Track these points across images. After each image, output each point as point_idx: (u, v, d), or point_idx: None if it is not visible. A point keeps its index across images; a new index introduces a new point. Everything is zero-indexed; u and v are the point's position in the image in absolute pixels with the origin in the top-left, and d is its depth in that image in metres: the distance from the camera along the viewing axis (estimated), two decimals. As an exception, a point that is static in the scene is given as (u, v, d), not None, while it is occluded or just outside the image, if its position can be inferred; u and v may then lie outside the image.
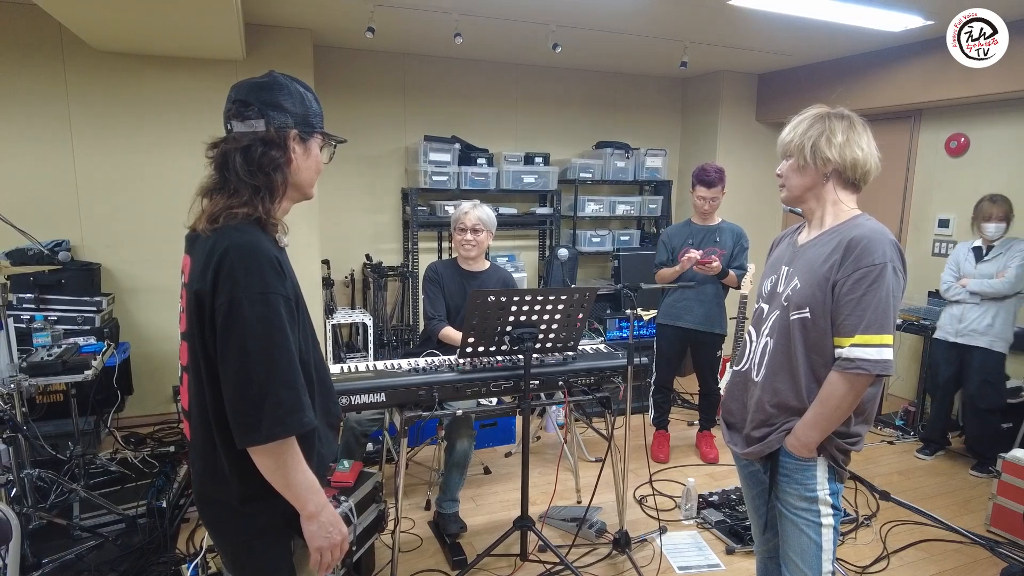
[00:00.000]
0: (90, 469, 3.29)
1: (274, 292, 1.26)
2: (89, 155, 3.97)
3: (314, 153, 1.43)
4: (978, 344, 3.70)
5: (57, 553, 2.69)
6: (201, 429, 1.34)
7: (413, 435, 3.82)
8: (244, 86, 1.36)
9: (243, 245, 1.26)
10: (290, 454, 1.28)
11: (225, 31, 3.41)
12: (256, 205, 1.31)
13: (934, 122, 4.73)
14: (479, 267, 3.29)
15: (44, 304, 3.59)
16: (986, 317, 3.68)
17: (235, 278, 1.23)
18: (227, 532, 1.42)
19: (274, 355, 1.25)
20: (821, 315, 1.63)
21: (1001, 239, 3.70)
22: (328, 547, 1.37)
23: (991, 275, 3.68)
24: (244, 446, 1.25)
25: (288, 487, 1.29)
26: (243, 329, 1.23)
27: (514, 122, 5.35)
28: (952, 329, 3.82)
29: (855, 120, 1.69)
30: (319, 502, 1.34)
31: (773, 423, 1.74)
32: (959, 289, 3.77)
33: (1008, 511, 3.11)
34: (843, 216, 1.70)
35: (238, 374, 1.23)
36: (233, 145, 1.32)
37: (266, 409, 1.23)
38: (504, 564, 2.83)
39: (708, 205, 3.73)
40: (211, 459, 1.34)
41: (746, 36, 4.26)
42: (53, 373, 2.85)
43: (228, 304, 1.23)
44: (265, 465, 1.27)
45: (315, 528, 1.34)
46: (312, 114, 1.40)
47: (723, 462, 3.95)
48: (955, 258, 3.90)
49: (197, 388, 1.33)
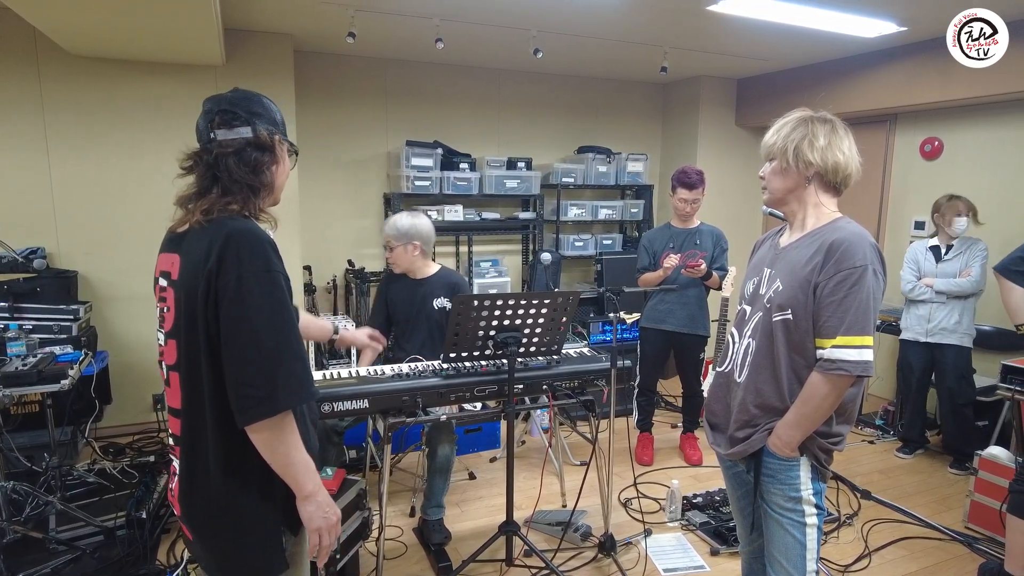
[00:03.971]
0: (67, 480, 3.23)
1: (276, 270, 1.33)
2: (65, 161, 3.91)
3: (286, 158, 1.52)
4: (949, 342, 3.77)
5: (33, 568, 2.63)
6: (194, 424, 1.36)
7: (397, 441, 3.80)
8: (224, 99, 1.43)
9: (243, 229, 1.33)
10: (291, 430, 1.32)
11: (204, 36, 3.38)
12: (249, 204, 1.40)
13: (909, 126, 4.81)
14: (425, 273, 3.21)
15: (19, 313, 3.51)
16: (953, 315, 3.75)
17: (240, 257, 1.29)
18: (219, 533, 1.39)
19: (282, 329, 1.31)
20: (803, 317, 1.65)
21: (959, 239, 3.79)
22: (326, 528, 1.39)
23: (954, 274, 3.76)
24: (254, 420, 1.27)
25: (289, 465, 1.32)
26: (251, 305, 1.28)
27: (496, 127, 5.36)
28: (921, 329, 3.88)
29: (837, 124, 1.72)
30: (316, 482, 1.37)
31: (756, 424, 1.75)
32: (924, 289, 3.83)
33: (985, 507, 3.16)
34: (824, 219, 1.73)
35: (247, 348, 1.27)
36: (224, 150, 1.38)
37: (280, 379, 1.28)
38: (490, 569, 2.82)
39: (689, 207, 3.76)
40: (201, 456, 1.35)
41: (725, 41, 4.31)
42: (28, 383, 2.78)
43: (236, 281, 1.28)
44: (266, 441, 1.30)
45: (313, 508, 1.37)
46: (279, 122, 1.49)
47: (707, 464, 3.97)
48: (913, 257, 3.96)
49: (190, 384, 1.35)
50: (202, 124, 1.42)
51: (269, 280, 1.31)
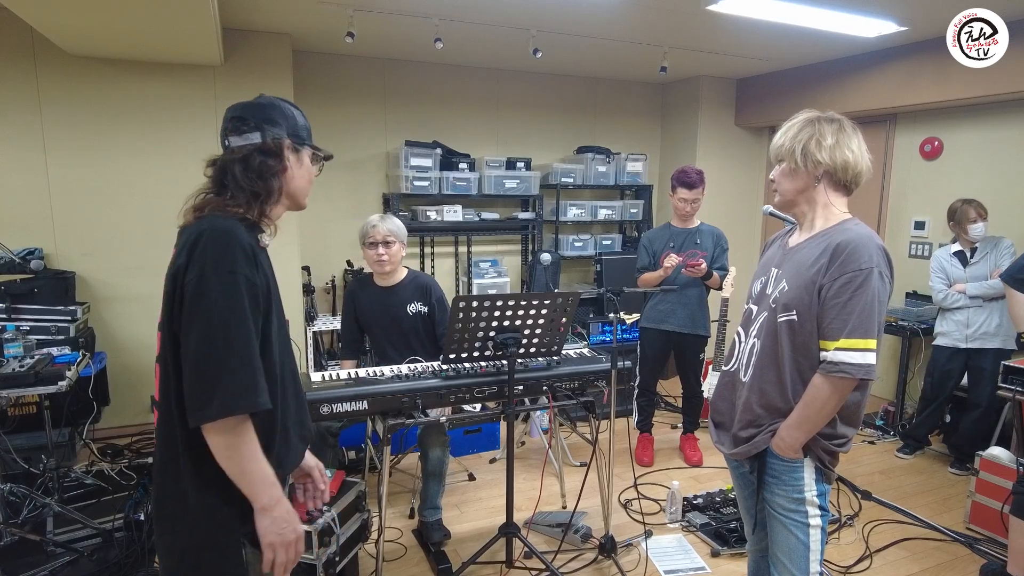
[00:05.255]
0: (64, 482, 3.21)
1: (240, 272, 1.30)
2: (63, 162, 3.89)
3: (306, 163, 1.51)
4: (991, 346, 3.68)
5: (30, 570, 2.62)
6: (165, 417, 1.34)
7: (396, 443, 3.79)
8: (238, 107, 1.45)
9: (219, 228, 1.31)
10: (244, 439, 1.28)
11: (202, 36, 3.37)
12: (253, 208, 1.40)
13: (909, 126, 4.81)
14: (395, 279, 3.15)
15: (16, 314, 3.49)
16: (994, 318, 3.67)
17: (206, 256, 1.28)
18: (179, 531, 1.36)
19: (233, 332, 1.27)
20: (807, 318, 1.65)
21: (982, 240, 3.74)
22: (280, 544, 1.33)
23: (984, 276, 3.69)
24: (196, 423, 1.25)
25: (242, 475, 1.29)
26: (207, 304, 1.26)
27: (495, 127, 5.35)
28: (961, 335, 3.77)
29: (845, 123, 1.72)
30: (274, 495, 1.32)
31: (760, 423, 1.74)
32: (957, 296, 3.75)
33: (986, 508, 3.15)
34: (833, 219, 1.72)
35: (197, 348, 1.26)
36: (232, 157, 1.40)
37: (221, 384, 1.24)
38: (490, 571, 2.81)
39: (689, 207, 3.75)
40: (171, 447, 1.33)
41: (724, 41, 4.30)
42: (25, 385, 2.76)
43: (197, 279, 1.27)
44: (218, 446, 1.27)
45: (268, 523, 1.32)
46: (301, 128, 1.49)
47: (707, 465, 3.96)
48: (939, 265, 3.88)
49: (164, 376, 1.34)
50: (221, 132, 1.45)
51: (231, 281, 1.28)
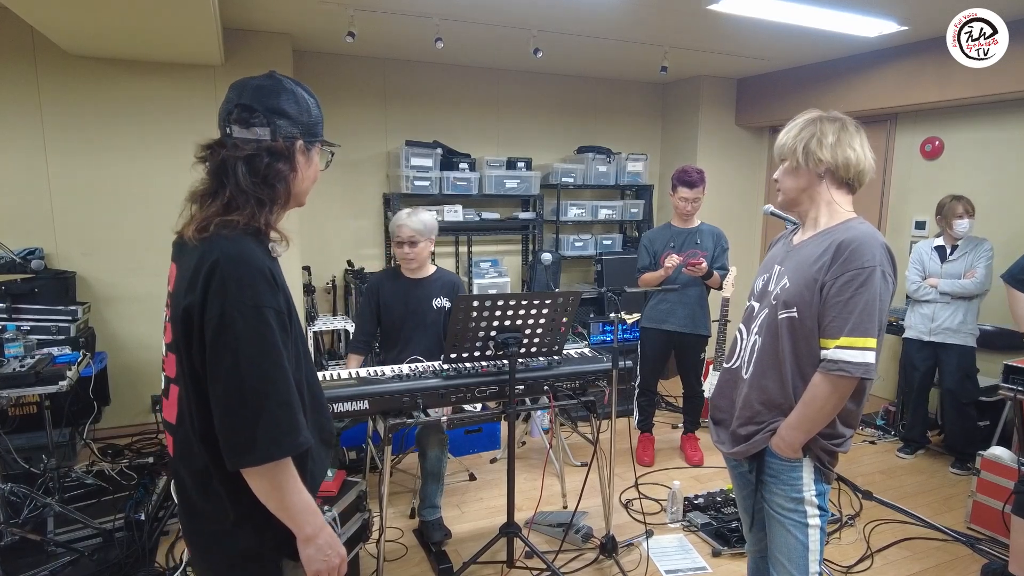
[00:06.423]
0: (65, 482, 3.21)
1: (267, 306, 1.20)
2: (63, 161, 3.89)
3: (315, 162, 1.39)
4: (952, 341, 3.77)
5: (31, 570, 2.61)
6: (189, 444, 1.27)
7: (397, 443, 3.79)
8: (248, 88, 1.28)
9: (234, 256, 1.19)
10: (286, 475, 1.22)
11: (203, 35, 3.36)
12: (258, 217, 1.26)
13: (909, 126, 4.81)
14: (424, 273, 3.17)
15: (16, 314, 3.50)
16: (957, 315, 3.75)
17: (226, 291, 1.17)
18: (214, 553, 1.34)
19: (268, 372, 1.19)
20: (808, 315, 1.64)
21: (964, 238, 3.78)
22: (326, 570, 1.29)
23: (958, 274, 3.75)
24: (237, 468, 1.19)
25: (284, 509, 1.23)
26: (235, 344, 1.16)
27: (496, 127, 5.35)
28: (925, 328, 3.88)
29: (847, 122, 1.72)
30: (317, 524, 1.27)
31: (760, 420, 1.74)
32: (929, 289, 3.83)
33: (987, 508, 3.15)
34: (837, 218, 1.72)
35: (230, 392, 1.17)
36: (235, 153, 1.25)
37: (260, 429, 1.17)
38: (491, 571, 2.81)
39: (690, 206, 3.75)
40: (201, 476, 1.27)
41: (725, 41, 4.30)
42: (26, 384, 2.77)
43: (219, 318, 1.16)
44: (260, 487, 1.21)
45: (312, 551, 1.27)
46: (315, 122, 1.36)
47: (708, 464, 3.96)
48: (918, 257, 3.97)
49: (186, 401, 1.26)
50: (223, 112, 1.29)
51: (257, 317, 1.18)
